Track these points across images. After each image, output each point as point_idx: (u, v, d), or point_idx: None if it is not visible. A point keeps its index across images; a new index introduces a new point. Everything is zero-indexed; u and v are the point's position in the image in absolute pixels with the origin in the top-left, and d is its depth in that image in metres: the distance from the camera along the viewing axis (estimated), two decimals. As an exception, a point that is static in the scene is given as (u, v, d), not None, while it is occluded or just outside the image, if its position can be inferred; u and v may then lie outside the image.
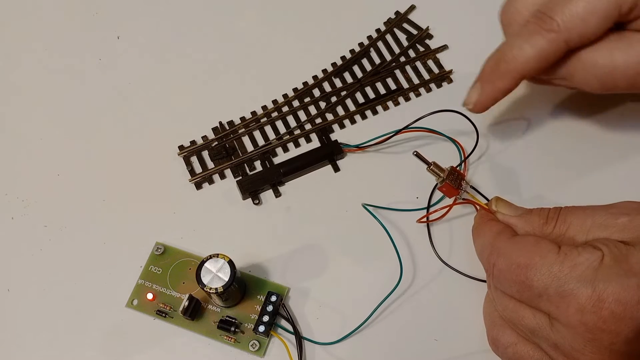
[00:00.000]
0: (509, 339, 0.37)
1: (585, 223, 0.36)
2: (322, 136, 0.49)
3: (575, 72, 0.39)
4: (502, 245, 0.36)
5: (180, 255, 0.44)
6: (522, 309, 0.35)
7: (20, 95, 0.51)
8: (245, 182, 0.46)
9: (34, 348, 0.42)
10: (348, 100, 0.50)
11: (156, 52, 0.53)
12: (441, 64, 0.51)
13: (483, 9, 0.53)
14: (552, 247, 0.34)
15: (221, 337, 0.42)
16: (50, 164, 0.48)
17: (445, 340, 0.42)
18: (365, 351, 0.42)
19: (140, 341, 0.42)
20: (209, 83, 0.51)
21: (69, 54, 0.53)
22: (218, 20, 0.54)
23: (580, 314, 0.32)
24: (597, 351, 0.32)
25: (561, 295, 0.33)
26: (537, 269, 0.34)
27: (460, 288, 0.43)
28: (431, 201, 0.46)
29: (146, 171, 0.48)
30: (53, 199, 0.47)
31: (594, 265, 0.32)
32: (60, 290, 0.44)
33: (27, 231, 0.46)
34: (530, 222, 0.38)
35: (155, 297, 0.43)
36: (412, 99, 0.50)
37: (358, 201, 0.45)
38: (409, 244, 0.45)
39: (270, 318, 0.41)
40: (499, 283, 0.36)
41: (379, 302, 0.42)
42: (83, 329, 0.43)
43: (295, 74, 0.51)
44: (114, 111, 0.50)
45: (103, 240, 0.45)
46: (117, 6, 0.55)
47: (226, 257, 0.40)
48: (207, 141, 0.49)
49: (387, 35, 0.53)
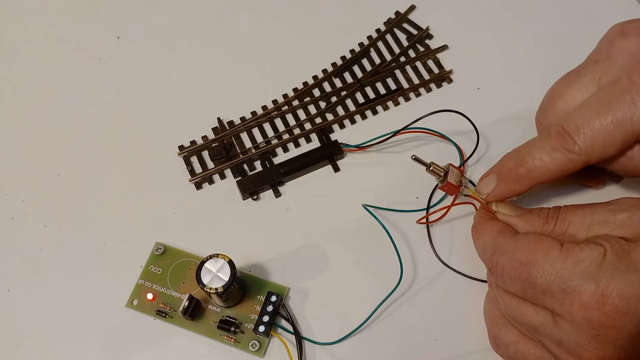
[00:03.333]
0: (510, 337, 0.37)
1: (585, 220, 0.36)
2: (322, 136, 0.49)
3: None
4: (504, 244, 0.36)
5: (180, 255, 0.44)
6: (524, 306, 0.35)
7: (20, 95, 0.51)
8: (245, 182, 0.46)
9: (34, 348, 0.42)
10: (348, 100, 0.50)
11: (156, 52, 0.53)
12: (441, 64, 0.51)
13: (483, 9, 0.54)
14: (554, 244, 0.34)
15: (221, 337, 0.42)
16: (50, 164, 0.48)
17: (445, 340, 0.42)
18: (365, 351, 0.42)
19: (140, 341, 0.42)
20: (209, 83, 0.51)
21: (69, 53, 0.53)
22: (218, 20, 0.54)
23: (584, 310, 0.32)
24: (601, 347, 0.32)
25: (565, 291, 0.33)
26: (540, 266, 0.34)
27: (460, 288, 0.43)
28: (431, 202, 0.46)
29: (146, 171, 0.48)
30: (53, 199, 0.47)
31: (597, 262, 0.33)
32: (60, 290, 0.44)
33: (27, 231, 0.46)
34: (531, 221, 0.38)
35: (155, 297, 0.43)
36: (412, 99, 0.50)
37: (358, 201, 0.45)
38: (409, 244, 0.45)
39: (270, 318, 0.41)
40: (502, 281, 0.36)
41: (379, 302, 0.42)
42: (83, 328, 0.43)
43: (295, 74, 0.51)
44: (114, 111, 0.50)
45: (103, 240, 0.45)
46: (117, 6, 0.55)
47: (226, 257, 0.40)
48: (207, 141, 0.49)
49: (387, 35, 0.53)
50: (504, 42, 0.52)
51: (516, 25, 0.52)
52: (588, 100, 0.39)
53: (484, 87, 0.50)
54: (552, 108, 0.42)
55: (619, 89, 0.37)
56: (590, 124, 0.38)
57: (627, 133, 0.37)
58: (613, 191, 0.38)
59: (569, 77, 0.42)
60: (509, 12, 0.53)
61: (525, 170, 0.40)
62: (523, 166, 0.40)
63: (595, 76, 0.40)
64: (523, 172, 0.40)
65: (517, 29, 0.52)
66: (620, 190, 0.38)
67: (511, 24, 0.53)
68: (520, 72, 0.50)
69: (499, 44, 0.52)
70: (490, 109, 0.49)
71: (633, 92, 0.37)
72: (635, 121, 0.36)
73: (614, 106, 0.37)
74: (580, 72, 0.41)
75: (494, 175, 0.41)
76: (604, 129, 0.37)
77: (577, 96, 0.41)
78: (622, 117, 0.37)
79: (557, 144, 0.39)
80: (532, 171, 0.39)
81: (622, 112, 0.37)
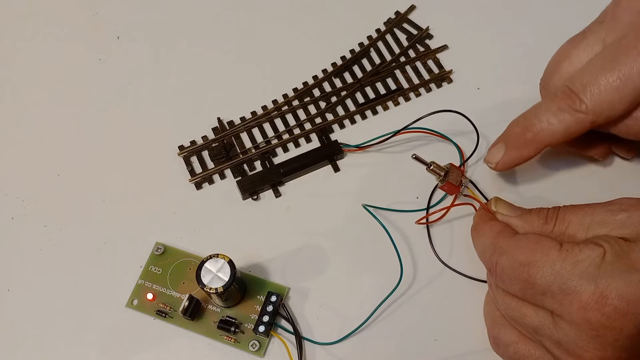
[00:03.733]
0: (510, 337, 0.37)
1: (584, 221, 0.36)
2: (322, 136, 0.49)
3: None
4: (503, 244, 0.36)
5: (180, 255, 0.44)
6: (524, 307, 0.35)
7: (20, 95, 0.51)
8: (245, 182, 0.46)
9: (34, 348, 0.42)
10: (348, 100, 0.50)
11: (156, 52, 0.53)
12: (441, 64, 0.51)
13: (483, 9, 0.53)
14: (553, 244, 0.34)
15: (221, 337, 0.42)
16: (50, 164, 0.48)
17: (445, 340, 0.42)
18: (365, 351, 0.42)
19: (140, 341, 0.42)
20: (209, 83, 0.51)
21: (69, 53, 0.53)
22: (218, 20, 0.54)
23: (583, 310, 0.32)
24: (601, 347, 0.32)
25: (564, 292, 0.33)
26: (539, 266, 0.34)
27: (460, 288, 0.43)
28: (431, 202, 0.46)
29: (146, 171, 0.48)
30: (53, 199, 0.47)
31: (596, 262, 0.33)
32: (60, 290, 0.44)
33: (27, 231, 0.46)
34: (530, 222, 0.38)
35: (155, 297, 0.43)
36: (412, 99, 0.50)
37: (358, 201, 0.45)
38: (409, 244, 0.45)
39: (270, 318, 0.41)
40: (501, 282, 0.36)
41: (379, 302, 0.42)
42: (83, 328, 0.43)
43: (296, 74, 0.51)
44: (114, 111, 0.50)
45: (103, 240, 0.45)
46: (117, 6, 0.55)
47: (226, 257, 0.40)
48: (207, 141, 0.49)
49: (387, 35, 0.53)
50: (504, 42, 0.52)
51: (516, 25, 0.52)
52: (594, 59, 0.39)
53: (484, 87, 0.50)
54: (557, 71, 0.41)
55: (625, 45, 0.37)
56: (597, 81, 0.37)
57: (635, 88, 0.37)
58: (614, 194, 0.38)
59: (574, 40, 0.41)
60: (509, 12, 0.53)
61: (533, 134, 0.39)
62: (530, 130, 0.39)
63: (601, 35, 0.40)
64: (530, 136, 0.39)
65: (517, 28, 0.52)
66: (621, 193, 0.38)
67: (511, 23, 0.53)
68: (520, 72, 0.50)
69: (499, 44, 0.52)
70: (490, 109, 0.49)
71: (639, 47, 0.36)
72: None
73: (620, 61, 0.37)
74: (586, 34, 0.41)
75: (502, 143, 0.41)
76: (610, 85, 0.37)
77: (583, 56, 0.40)
78: (629, 72, 0.36)
79: (563, 104, 0.38)
80: (540, 134, 0.39)
81: (628, 67, 0.36)
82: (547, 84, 0.42)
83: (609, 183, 0.46)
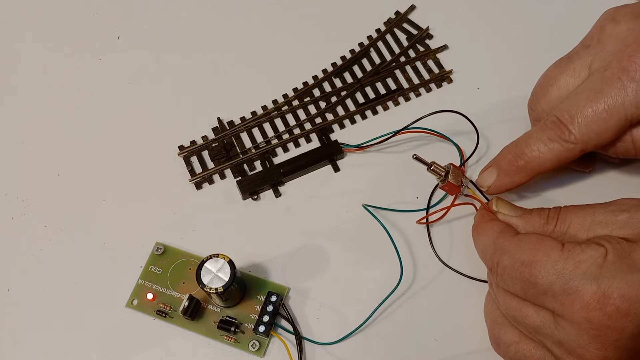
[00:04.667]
0: (511, 337, 0.37)
1: (586, 221, 0.36)
2: (322, 136, 0.49)
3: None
4: (505, 244, 0.36)
5: (180, 255, 0.44)
6: (525, 306, 0.35)
7: (20, 95, 0.51)
8: (245, 182, 0.46)
9: (34, 348, 0.42)
10: (348, 100, 0.50)
11: (156, 52, 0.53)
12: (441, 64, 0.51)
13: (483, 9, 0.54)
14: (555, 244, 0.34)
15: (221, 337, 0.42)
16: (50, 164, 0.48)
17: (445, 340, 0.42)
18: (365, 351, 0.42)
19: (140, 341, 0.42)
20: (209, 83, 0.51)
21: (69, 54, 0.53)
22: (218, 20, 0.54)
23: (585, 310, 0.32)
24: (602, 347, 0.32)
25: (566, 292, 0.33)
26: (541, 266, 0.34)
27: (460, 288, 0.43)
28: (431, 202, 0.46)
29: (146, 171, 0.48)
30: (53, 199, 0.47)
31: (598, 262, 0.33)
32: (60, 290, 0.44)
33: (27, 231, 0.46)
34: (531, 222, 0.38)
35: (155, 297, 0.43)
36: (412, 99, 0.50)
37: (358, 201, 0.45)
38: (409, 244, 0.45)
39: (270, 318, 0.41)
40: (503, 281, 0.36)
41: (379, 302, 0.42)
42: (83, 329, 0.43)
43: (295, 74, 0.51)
44: (114, 111, 0.50)
45: (103, 240, 0.45)
46: (117, 6, 0.55)
47: (226, 257, 0.40)
48: (207, 141, 0.49)
49: (387, 35, 0.53)
50: (504, 42, 0.52)
51: (516, 25, 0.52)
52: (580, 87, 0.40)
53: (484, 87, 0.50)
54: (545, 95, 0.42)
55: (609, 75, 0.38)
56: (584, 112, 0.38)
57: (621, 119, 0.38)
58: (614, 194, 0.38)
59: (561, 64, 0.42)
60: (509, 12, 0.53)
61: (524, 162, 0.41)
62: (522, 158, 0.41)
63: (587, 61, 0.41)
64: (522, 163, 0.41)
65: (517, 28, 0.52)
66: (621, 193, 0.38)
67: (511, 23, 0.53)
68: (520, 72, 0.50)
69: (499, 44, 0.52)
70: (490, 109, 0.49)
71: (623, 78, 0.37)
72: (627, 106, 0.37)
73: (605, 93, 0.38)
74: (572, 58, 0.42)
75: (493, 168, 0.42)
76: (597, 117, 0.38)
77: (570, 82, 0.41)
78: (614, 103, 0.38)
79: (553, 134, 0.40)
80: (531, 162, 0.40)
81: (613, 98, 0.38)
82: (535, 106, 0.43)
83: (610, 183, 0.46)
